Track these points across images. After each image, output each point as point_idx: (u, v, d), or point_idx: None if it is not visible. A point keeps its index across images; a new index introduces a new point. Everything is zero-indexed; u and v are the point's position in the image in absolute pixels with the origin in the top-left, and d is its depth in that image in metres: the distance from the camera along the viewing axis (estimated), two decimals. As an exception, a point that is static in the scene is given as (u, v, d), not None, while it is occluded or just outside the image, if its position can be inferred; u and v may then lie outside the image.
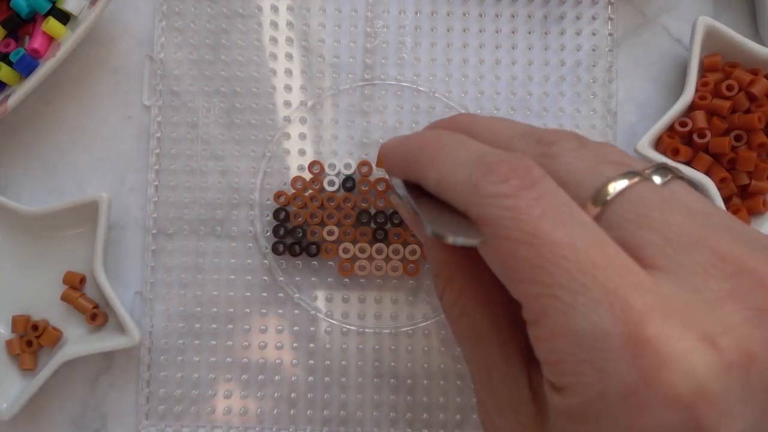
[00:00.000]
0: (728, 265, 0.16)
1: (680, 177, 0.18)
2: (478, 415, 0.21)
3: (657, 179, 0.18)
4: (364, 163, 0.31)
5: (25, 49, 0.31)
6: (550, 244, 0.16)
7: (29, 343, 0.30)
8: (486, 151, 0.19)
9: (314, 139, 0.32)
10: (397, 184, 0.22)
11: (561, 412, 0.16)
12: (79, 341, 0.31)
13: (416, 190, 0.21)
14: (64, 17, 0.31)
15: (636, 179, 0.17)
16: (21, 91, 0.30)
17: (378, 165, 0.26)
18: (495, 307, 0.20)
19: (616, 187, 0.17)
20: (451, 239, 0.16)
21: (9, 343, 0.31)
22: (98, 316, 0.31)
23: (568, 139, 0.19)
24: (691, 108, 0.31)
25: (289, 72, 0.32)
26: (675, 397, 0.14)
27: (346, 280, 0.31)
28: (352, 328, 0.31)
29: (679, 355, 0.14)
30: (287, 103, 0.32)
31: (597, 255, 0.16)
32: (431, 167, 0.20)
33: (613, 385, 0.15)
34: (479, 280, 0.20)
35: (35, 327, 0.30)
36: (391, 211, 0.31)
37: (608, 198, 0.17)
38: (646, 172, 0.18)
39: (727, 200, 0.31)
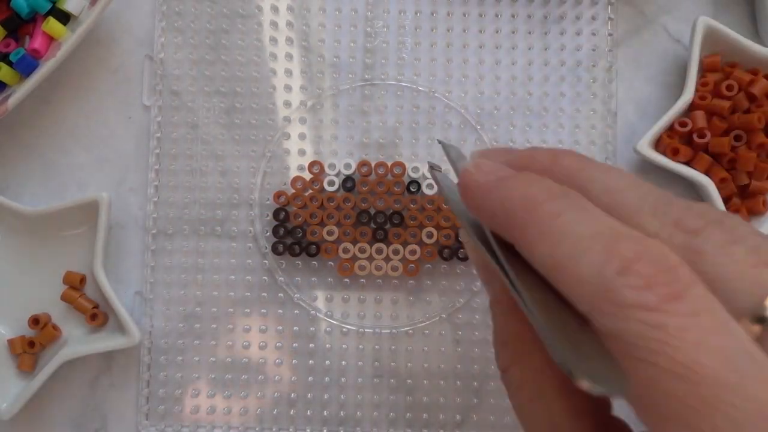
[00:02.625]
0: None
1: None
2: None
3: None
4: (363, 163, 0.31)
5: (25, 49, 0.31)
6: (713, 385, 0.12)
7: (31, 344, 0.30)
8: (619, 231, 0.14)
9: (314, 139, 0.32)
10: (475, 225, 0.18)
11: None
12: (79, 341, 0.31)
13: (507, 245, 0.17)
14: (65, 17, 0.31)
15: None
16: (21, 91, 0.30)
17: (463, 198, 0.18)
18: (576, 399, 0.16)
19: None
20: (582, 385, 0.12)
21: (11, 342, 0.31)
22: (98, 316, 0.31)
23: (718, 226, 0.15)
24: (691, 108, 0.31)
25: (289, 72, 0.32)
26: None
27: (345, 280, 0.31)
28: (352, 328, 0.31)
29: None
30: (287, 103, 0.32)
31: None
32: (542, 242, 0.15)
33: None
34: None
35: (36, 321, 0.30)
36: (391, 211, 0.31)
37: None
38: None
39: (727, 200, 0.31)
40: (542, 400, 0.16)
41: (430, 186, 0.31)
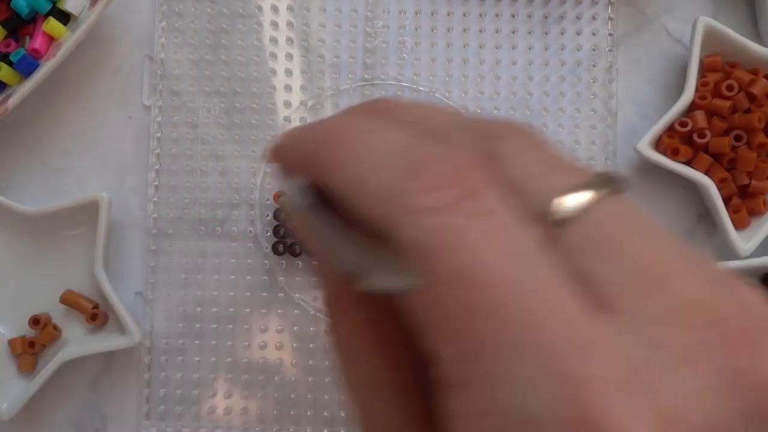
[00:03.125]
0: (695, 313, 0.12)
1: (628, 189, 0.15)
2: None
3: (615, 192, 0.14)
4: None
5: (25, 50, 0.31)
6: (490, 287, 0.12)
7: (31, 344, 0.30)
8: (415, 142, 0.14)
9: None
10: (295, 187, 0.17)
11: None
12: (79, 341, 0.31)
13: (319, 196, 0.16)
14: (65, 17, 0.31)
15: (598, 192, 0.14)
16: (21, 91, 0.30)
17: (269, 160, 0.18)
18: (393, 350, 0.16)
19: (575, 201, 0.13)
20: (365, 286, 0.12)
21: (11, 343, 0.31)
22: (98, 316, 0.31)
23: (520, 135, 0.15)
24: (691, 108, 0.31)
25: (289, 72, 0.32)
26: None
27: (346, 280, 0.31)
28: (353, 328, 0.31)
29: None
30: (287, 103, 0.32)
31: (545, 303, 0.12)
32: (339, 164, 0.14)
33: None
34: (377, 317, 0.16)
35: (36, 321, 0.30)
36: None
37: (566, 215, 0.13)
38: (600, 182, 0.14)
39: (727, 200, 0.31)
40: (361, 357, 0.16)
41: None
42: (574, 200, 0.13)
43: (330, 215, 0.15)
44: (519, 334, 0.11)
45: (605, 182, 0.14)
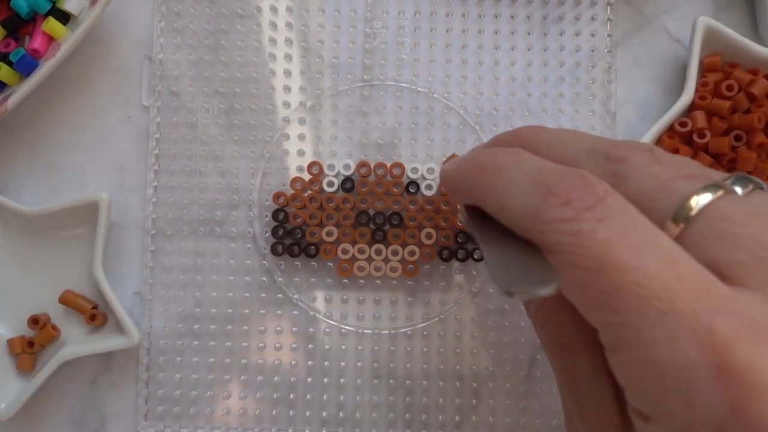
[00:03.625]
0: None
1: (761, 187, 0.17)
2: (565, 423, 0.20)
3: (738, 190, 0.17)
4: (363, 164, 0.31)
5: (25, 49, 0.31)
6: (619, 271, 0.15)
7: (30, 344, 0.31)
8: (545, 168, 0.17)
9: (313, 140, 0.32)
10: (461, 210, 0.21)
11: None
12: (78, 342, 0.31)
13: (480, 213, 0.20)
14: (64, 17, 0.31)
15: (718, 193, 0.16)
16: (21, 91, 0.30)
17: (444, 188, 0.23)
18: (580, 315, 0.19)
19: (696, 202, 0.16)
20: (517, 295, 0.15)
21: (10, 342, 0.31)
22: (97, 316, 0.31)
23: (639, 155, 0.18)
24: (691, 108, 0.31)
25: (288, 73, 0.32)
26: (765, 429, 0.13)
27: (345, 281, 0.31)
28: (351, 329, 0.31)
29: None
30: (286, 104, 0.32)
31: (672, 278, 0.15)
32: (490, 193, 0.18)
33: (702, 418, 0.14)
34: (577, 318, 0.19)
35: (36, 321, 0.30)
36: (390, 212, 0.31)
37: (689, 215, 0.16)
38: (726, 183, 0.17)
39: (727, 201, 0.31)
40: (552, 321, 0.20)
41: (428, 187, 0.31)
42: (697, 202, 0.16)
43: (489, 228, 0.19)
44: (660, 300, 0.14)
45: (718, 186, 0.16)
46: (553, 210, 0.16)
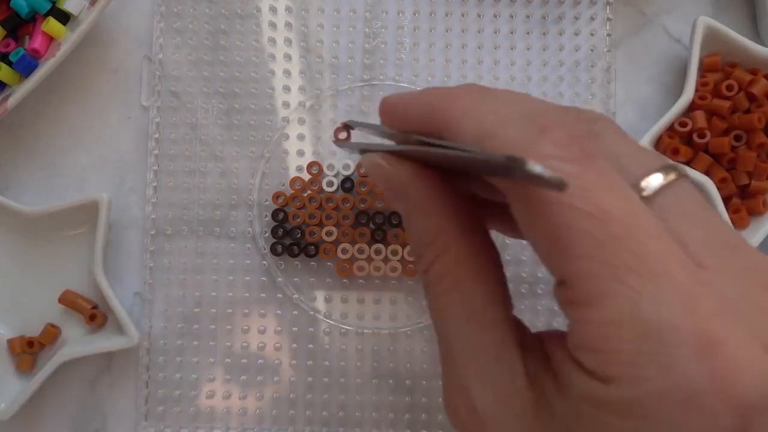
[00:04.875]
0: (762, 275, 0.16)
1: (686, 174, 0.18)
2: (449, 405, 0.19)
3: (682, 176, 0.17)
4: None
5: (25, 49, 0.31)
6: (620, 223, 0.15)
7: (30, 344, 0.31)
8: (537, 110, 0.17)
9: (313, 140, 0.32)
10: (389, 137, 0.20)
11: (598, 403, 0.15)
12: (78, 342, 0.31)
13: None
14: (64, 17, 0.31)
15: (675, 174, 0.17)
16: (21, 91, 0.30)
17: (383, 116, 0.21)
18: (489, 283, 0.18)
19: (660, 178, 0.17)
20: (530, 167, 0.13)
21: (10, 342, 0.31)
22: (97, 316, 0.31)
23: (608, 121, 0.18)
24: (691, 108, 0.31)
25: (287, 73, 0.32)
26: (740, 404, 0.14)
27: (344, 280, 0.31)
28: (351, 328, 0.31)
29: (749, 361, 0.14)
30: (286, 104, 0.32)
31: (664, 245, 0.15)
32: (469, 118, 0.17)
33: (678, 384, 0.14)
34: (476, 251, 0.19)
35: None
36: (390, 212, 0.31)
37: (655, 188, 0.16)
38: (679, 167, 0.17)
39: (727, 200, 0.31)
40: (460, 287, 0.18)
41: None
42: (659, 178, 0.17)
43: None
44: (655, 263, 0.14)
45: (676, 168, 0.17)
46: (553, 147, 0.15)
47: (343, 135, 0.24)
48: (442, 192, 0.19)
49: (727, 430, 0.14)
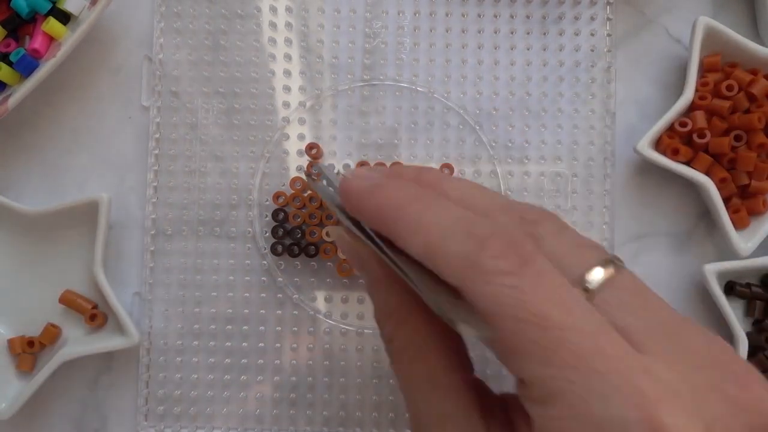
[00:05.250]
0: (702, 356, 0.17)
1: (623, 266, 0.19)
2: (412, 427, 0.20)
3: (620, 267, 0.18)
4: (362, 164, 0.31)
5: (25, 49, 0.31)
6: (559, 329, 0.16)
7: (30, 344, 0.31)
8: (473, 220, 0.18)
9: (313, 140, 0.32)
10: (350, 223, 0.21)
11: None
12: (78, 342, 0.31)
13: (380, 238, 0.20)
14: (65, 17, 0.31)
15: (614, 267, 0.18)
16: (21, 91, 0.30)
17: (341, 199, 0.21)
18: (447, 351, 0.19)
19: (601, 273, 0.18)
20: (459, 328, 0.15)
21: (11, 342, 0.31)
22: (97, 316, 0.31)
23: (550, 220, 0.20)
24: (691, 108, 0.31)
25: (287, 73, 0.32)
26: None
27: (345, 280, 0.31)
28: (351, 328, 0.31)
29: None
30: (286, 104, 0.32)
31: (604, 340, 0.16)
32: (416, 232, 0.18)
33: None
34: (432, 321, 0.20)
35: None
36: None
37: (597, 284, 0.18)
38: (616, 260, 0.18)
39: (726, 200, 0.31)
40: (421, 358, 0.19)
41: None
42: (600, 272, 0.18)
43: (397, 256, 0.19)
44: (596, 360, 0.15)
45: (614, 262, 0.18)
46: (492, 261, 0.16)
47: (315, 171, 0.26)
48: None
49: None
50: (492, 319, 0.16)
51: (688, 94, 0.30)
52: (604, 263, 0.18)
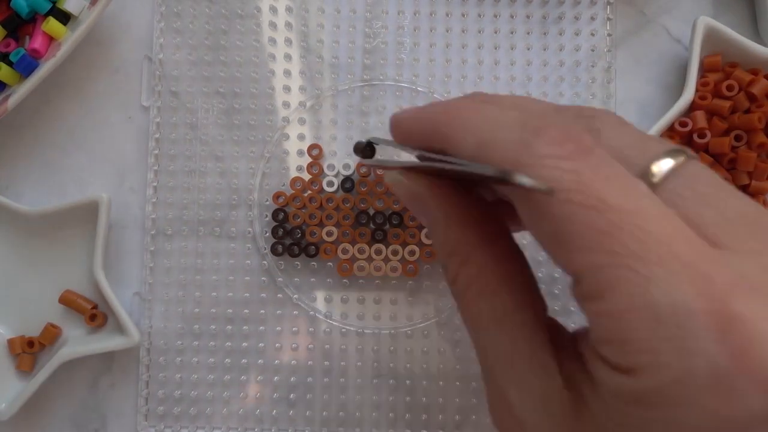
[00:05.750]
0: None
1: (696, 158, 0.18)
2: (492, 411, 0.19)
3: (690, 158, 0.17)
4: (362, 164, 0.31)
5: (25, 49, 0.31)
6: (620, 211, 0.15)
7: (30, 344, 0.31)
8: (530, 116, 0.17)
9: (313, 140, 0.32)
10: (404, 156, 0.21)
11: (626, 397, 0.15)
12: (78, 342, 0.31)
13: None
14: (64, 17, 0.31)
15: (682, 157, 0.17)
16: (21, 91, 0.30)
17: (392, 133, 0.22)
18: (516, 288, 0.18)
19: (669, 163, 0.17)
20: (518, 178, 0.14)
21: (10, 342, 0.31)
22: (97, 316, 0.31)
23: (609, 114, 0.19)
24: (691, 108, 0.31)
25: (287, 73, 0.32)
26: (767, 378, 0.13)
27: (345, 280, 0.31)
28: (351, 328, 0.31)
29: None
30: (286, 104, 0.32)
31: (669, 226, 0.15)
32: (467, 130, 0.18)
33: (699, 367, 0.13)
34: (499, 258, 0.19)
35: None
36: (390, 212, 0.31)
37: (663, 174, 0.16)
38: (687, 150, 0.17)
39: (727, 201, 0.31)
40: (488, 294, 0.18)
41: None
42: (668, 163, 0.17)
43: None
44: (658, 245, 0.14)
45: (683, 152, 0.17)
46: (548, 147, 0.16)
47: (363, 148, 0.26)
48: (460, 203, 0.19)
49: (762, 411, 0.13)
50: (548, 206, 0.15)
51: (688, 94, 0.30)
52: (673, 154, 0.17)
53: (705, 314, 0.13)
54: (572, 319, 0.30)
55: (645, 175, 0.17)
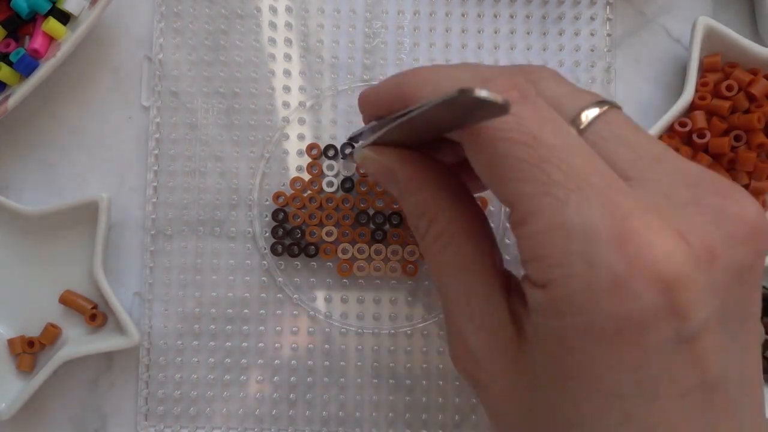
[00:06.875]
0: (687, 176, 0.18)
1: (619, 107, 0.21)
2: (451, 348, 0.21)
3: (613, 107, 0.20)
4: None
5: (25, 50, 0.31)
6: (549, 147, 0.17)
7: (30, 344, 0.31)
8: (481, 71, 0.21)
9: (313, 140, 0.32)
10: (367, 130, 0.24)
11: (544, 310, 0.17)
12: (78, 342, 0.31)
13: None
14: (64, 17, 0.31)
15: (607, 106, 0.20)
16: (21, 91, 0.30)
17: (361, 109, 0.25)
18: (477, 240, 0.21)
19: (595, 111, 0.19)
20: (477, 92, 0.16)
21: (10, 342, 0.31)
22: (97, 316, 0.31)
23: (549, 71, 0.22)
24: (691, 108, 0.31)
25: (287, 73, 0.32)
26: (657, 279, 0.16)
27: (344, 280, 0.31)
28: (351, 328, 0.31)
29: (660, 242, 0.16)
30: (286, 104, 0.32)
31: (588, 162, 0.17)
32: (426, 84, 0.21)
33: (601, 274, 0.16)
34: (463, 213, 0.21)
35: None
36: (390, 212, 0.31)
37: (590, 120, 0.19)
38: (611, 101, 0.20)
39: (726, 201, 0.31)
40: (453, 245, 0.21)
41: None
42: (595, 111, 0.19)
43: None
44: (577, 176, 0.17)
45: (610, 102, 0.20)
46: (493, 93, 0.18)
47: (348, 150, 0.28)
48: (427, 168, 0.22)
49: (655, 307, 0.16)
50: (490, 143, 0.18)
51: (688, 95, 0.30)
52: (600, 104, 0.20)
53: (608, 230, 0.16)
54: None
55: (575, 120, 0.19)
